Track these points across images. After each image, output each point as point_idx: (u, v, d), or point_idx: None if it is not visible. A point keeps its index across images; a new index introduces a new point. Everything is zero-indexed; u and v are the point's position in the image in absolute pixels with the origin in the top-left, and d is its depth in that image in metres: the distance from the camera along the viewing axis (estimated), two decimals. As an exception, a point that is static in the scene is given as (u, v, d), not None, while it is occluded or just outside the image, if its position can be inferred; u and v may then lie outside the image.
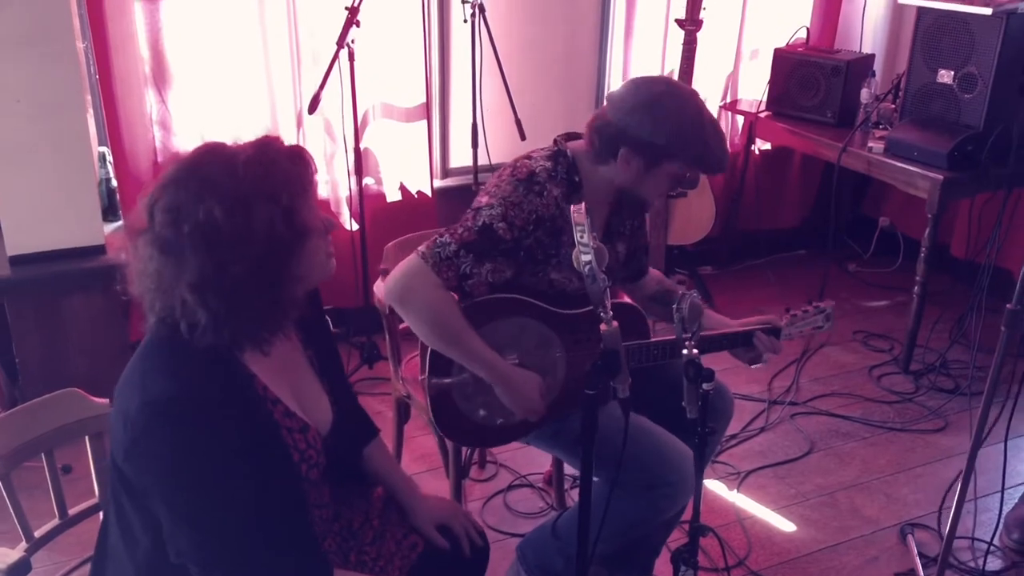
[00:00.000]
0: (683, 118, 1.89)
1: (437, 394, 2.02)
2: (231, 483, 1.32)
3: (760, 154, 4.28)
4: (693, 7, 3.51)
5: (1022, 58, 3.22)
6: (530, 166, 1.96)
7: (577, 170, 1.98)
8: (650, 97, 1.90)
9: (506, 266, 1.93)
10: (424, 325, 1.92)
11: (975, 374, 3.34)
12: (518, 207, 1.90)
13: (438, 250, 1.89)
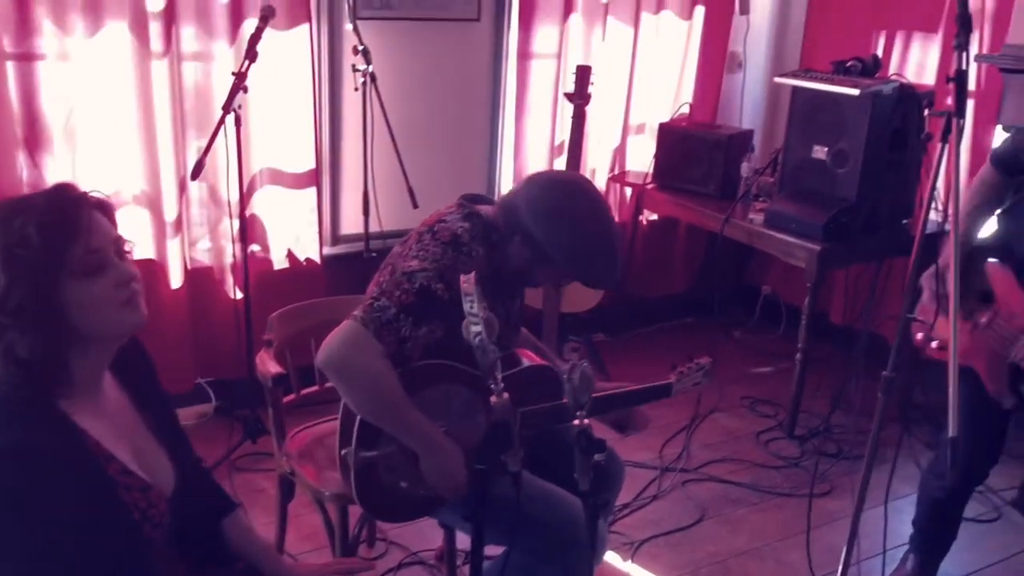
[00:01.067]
0: (577, 235, 1.90)
1: (362, 468, 1.94)
2: (60, 540, 1.24)
3: (648, 224, 4.39)
4: (582, 82, 3.61)
5: (888, 135, 3.41)
6: (450, 228, 1.93)
7: (493, 231, 1.98)
8: (556, 203, 1.92)
9: (439, 328, 1.89)
10: (364, 396, 1.86)
11: (856, 438, 3.44)
12: (453, 269, 1.86)
13: (377, 315, 1.83)
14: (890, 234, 3.46)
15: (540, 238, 1.90)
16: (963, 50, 1.82)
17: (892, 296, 3.80)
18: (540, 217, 1.90)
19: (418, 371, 1.91)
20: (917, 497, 2.63)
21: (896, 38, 3.93)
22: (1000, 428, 2.36)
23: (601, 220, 1.96)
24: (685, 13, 4.15)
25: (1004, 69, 3.35)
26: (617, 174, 4.26)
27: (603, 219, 1.97)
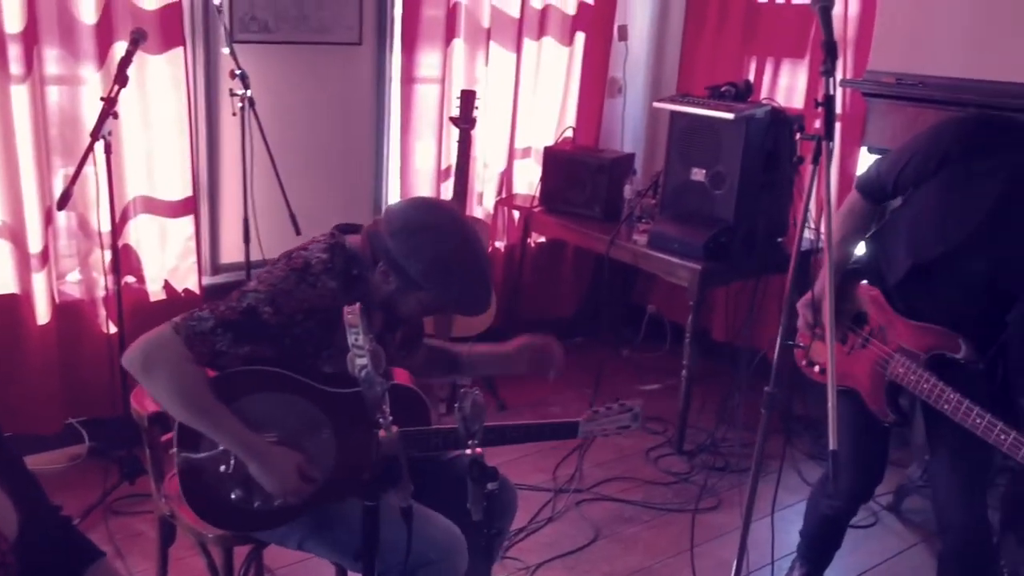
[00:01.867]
0: (440, 257, 1.86)
1: (187, 470, 1.88)
2: None
3: (536, 246, 4.42)
4: (466, 106, 3.61)
5: (762, 158, 3.54)
6: (306, 256, 1.89)
7: (357, 264, 1.93)
8: (417, 225, 1.88)
9: (268, 350, 1.84)
10: (167, 395, 1.81)
11: (742, 451, 3.53)
12: (288, 295, 1.82)
13: (193, 324, 1.80)
14: (766, 252, 3.58)
15: (402, 260, 1.86)
16: (830, 76, 1.90)
17: (770, 312, 3.93)
18: (402, 236, 1.86)
19: (238, 376, 1.86)
20: (805, 511, 2.71)
21: (766, 63, 4.10)
22: (883, 446, 2.45)
23: (465, 240, 1.91)
24: (566, 39, 4.22)
25: (867, 93, 3.54)
26: (504, 197, 4.28)
27: (467, 239, 1.92)
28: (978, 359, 2.05)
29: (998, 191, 1.99)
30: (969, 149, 2.03)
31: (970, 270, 2.07)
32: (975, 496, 2.27)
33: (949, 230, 2.07)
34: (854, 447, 2.39)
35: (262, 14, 3.39)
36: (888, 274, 2.23)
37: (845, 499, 2.49)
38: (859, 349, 2.26)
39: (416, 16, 3.73)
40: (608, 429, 2.15)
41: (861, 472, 2.43)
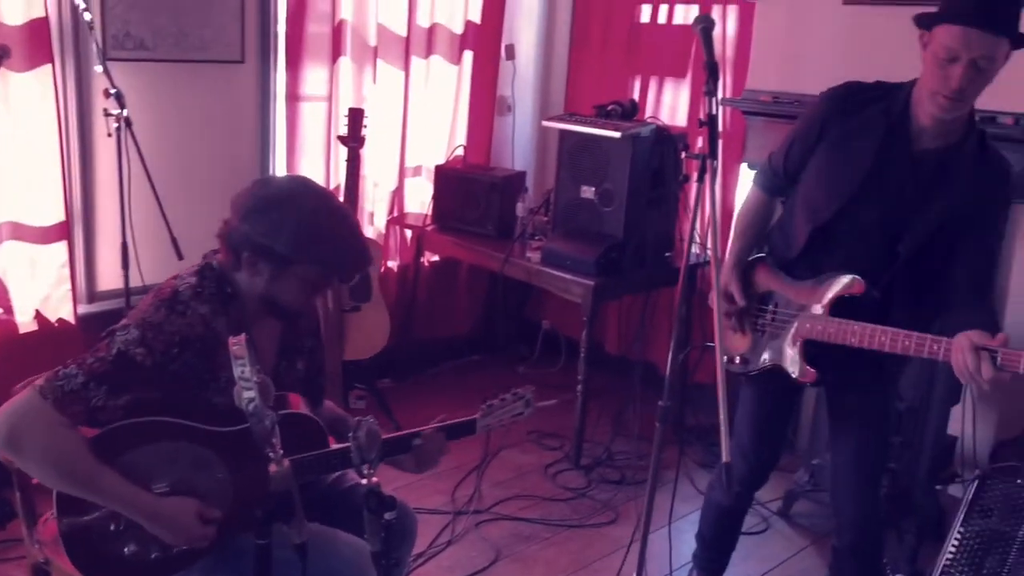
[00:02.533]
0: (303, 222, 1.77)
1: (72, 533, 1.75)
2: None
3: (430, 265, 4.39)
4: (355, 125, 3.57)
5: (649, 175, 3.61)
6: (174, 285, 1.82)
7: (229, 282, 1.85)
8: (267, 201, 1.79)
9: (151, 392, 1.74)
10: (41, 470, 1.69)
11: (638, 463, 3.58)
12: (157, 329, 1.73)
13: (60, 383, 1.67)
14: (655, 267, 3.65)
15: (263, 239, 1.76)
16: (712, 96, 1.95)
17: (660, 324, 4.02)
18: (256, 214, 1.77)
19: (119, 432, 1.75)
20: (703, 507, 2.76)
21: (650, 82, 4.19)
22: (784, 430, 2.56)
23: (320, 199, 1.83)
24: (454, 58, 4.22)
25: (746, 112, 3.66)
26: (396, 216, 4.24)
27: (322, 197, 1.84)
28: (872, 290, 2.17)
29: (876, 142, 2.13)
30: (841, 111, 2.20)
31: (864, 220, 2.19)
32: (872, 493, 2.40)
33: (840, 188, 2.19)
34: (755, 435, 2.48)
35: (138, 31, 3.26)
36: (790, 249, 2.33)
37: (742, 484, 2.55)
38: (771, 326, 2.34)
39: (300, 33, 3.66)
40: (504, 419, 2.16)
41: (759, 459, 2.52)
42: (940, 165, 2.10)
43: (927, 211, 2.12)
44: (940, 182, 2.11)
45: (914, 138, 2.11)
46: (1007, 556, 2.76)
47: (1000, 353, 1.90)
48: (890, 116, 2.13)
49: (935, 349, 2.00)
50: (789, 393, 2.48)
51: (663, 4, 4.07)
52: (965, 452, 3.23)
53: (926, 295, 2.22)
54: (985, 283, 2.19)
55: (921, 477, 3.07)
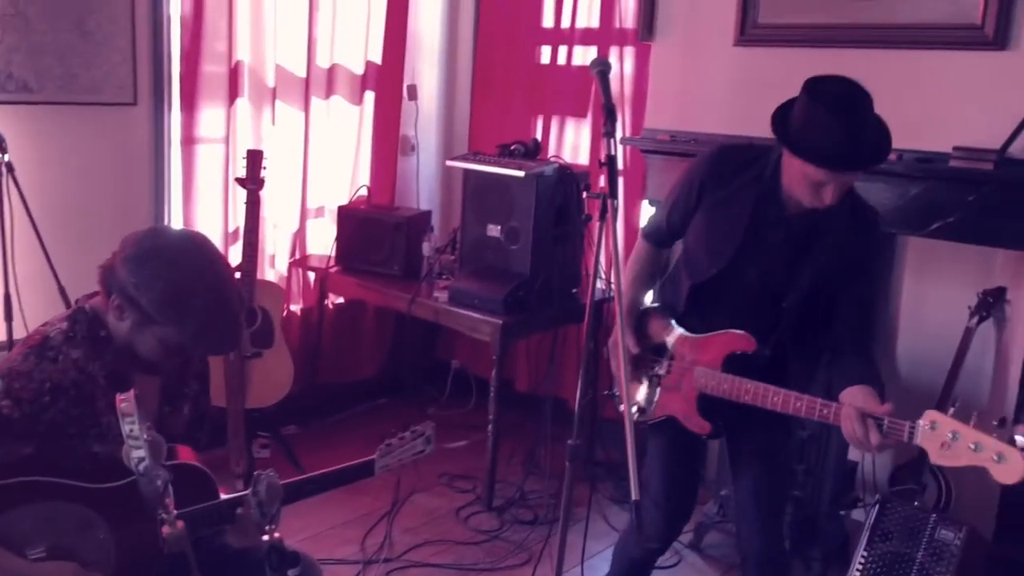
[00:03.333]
0: (174, 287, 1.69)
1: None
2: None
3: (335, 308, 4.31)
4: (253, 166, 3.50)
5: (553, 213, 3.64)
6: (44, 331, 1.74)
7: (102, 324, 1.77)
8: (149, 252, 1.72)
9: (24, 447, 1.65)
10: None
11: (550, 502, 3.56)
12: (26, 377, 1.65)
13: None
14: (562, 304, 3.66)
15: (132, 290, 1.69)
16: (611, 137, 1.98)
17: (570, 361, 4.03)
18: (132, 263, 1.70)
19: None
20: (613, 556, 2.75)
21: (552, 122, 4.24)
22: (694, 480, 2.57)
23: (204, 268, 1.75)
24: (355, 98, 4.20)
25: (645, 150, 3.74)
26: (299, 259, 4.16)
27: (206, 267, 1.76)
28: (763, 347, 2.22)
29: (750, 207, 2.21)
30: (717, 176, 2.27)
31: (746, 279, 2.25)
32: (774, 525, 2.43)
33: (718, 250, 2.27)
34: (667, 483, 2.48)
35: (21, 72, 3.13)
36: (679, 303, 2.39)
37: (658, 539, 2.55)
38: (666, 377, 2.37)
39: (195, 74, 3.58)
40: (404, 458, 2.12)
41: (673, 507, 2.51)
42: (812, 225, 2.18)
43: (804, 270, 2.20)
44: (813, 241, 2.19)
45: (785, 202, 2.18)
46: (908, 577, 2.84)
47: (886, 421, 1.97)
48: (761, 183, 2.21)
49: (825, 413, 2.07)
50: (695, 439, 2.47)
51: (562, 46, 4.14)
52: (865, 477, 3.33)
53: (815, 348, 2.29)
54: (864, 333, 2.26)
55: (824, 503, 3.14)
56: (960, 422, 1.90)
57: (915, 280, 3.32)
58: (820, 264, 2.19)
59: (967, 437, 1.88)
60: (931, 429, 1.92)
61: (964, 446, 1.88)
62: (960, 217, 2.91)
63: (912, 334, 3.32)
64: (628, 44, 3.88)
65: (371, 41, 4.19)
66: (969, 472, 3.19)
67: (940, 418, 1.92)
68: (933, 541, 2.83)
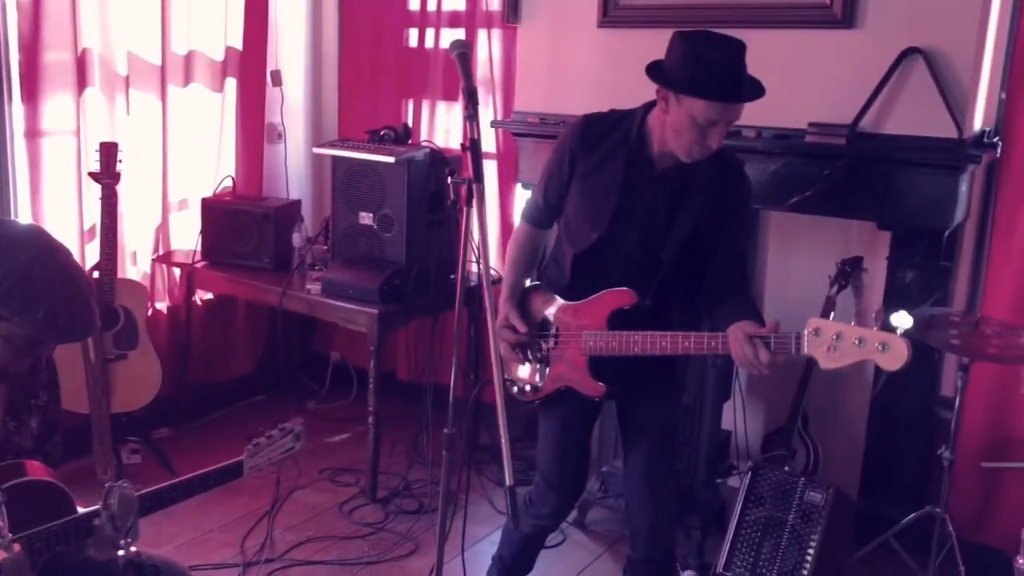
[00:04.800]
0: (16, 270, 1.63)
1: None
2: None
3: (203, 304, 4.15)
4: (108, 160, 3.32)
5: (427, 199, 3.60)
6: None
7: None
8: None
9: None
10: None
11: (435, 490, 3.53)
12: None
13: None
14: (440, 290, 3.63)
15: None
16: (473, 121, 1.95)
17: (450, 348, 3.99)
18: None
19: None
20: (502, 535, 2.75)
21: (423, 106, 4.18)
22: (586, 454, 2.58)
23: (43, 252, 1.68)
24: (216, 85, 4.04)
25: (515, 133, 3.73)
26: (162, 255, 3.98)
27: (45, 251, 1.69)
28: (644, 298, 2.26)
29: (621, 170, 2.25)
30: (586, 144, 2.31)
31: (625, 242, 2.29)
32: (664, 500, 2.46)
33: (595, 217, 2.30)
34: (559, 461, 2.50)
35: None
36: (563, 276, 2.40)
37: (551, 516, 2.57)
38: (555, 349, 2.37)
39: (36, 63, 3.36)
40: (274, 457, 2.07)
41: (565, 485, 2.53)
42: (682, 181, 2.24)
43: (679, 223, 2.25)
44: (686, 195, 2.25)
45: (655, 161, 2.24)
46: (780, 539, 2.96)
47: (772, 339, 2.02)
48: (629, 145, 2.25)
49: (713, 345, 2.11)
50: (586, 412, 2.51)
51: (429, 28, 4.08)
52: (739, 444, 3.44)
53: (694, 296, 2.35)
54: (742, 281, 2.37)
55: (701, 472, 3.23)
56: (841, 323, 1.96)
57: (778, 253, 3.44)
58: (696, 215, 2.24)
59: (850, 334, 1.92)
60: (816, 335, 1.96)
61: (849, 344, 1.92)
62: (817, 191, 3.02)
63: (776, 304, 3.44)
64: (495, 26, 3.86)
65: (230, 26, 4.03)
66: (835, 433, 3.36)
67: (822, 323, 1.96)
68: (803, 503, 2.95)
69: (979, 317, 2.80)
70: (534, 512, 2.56)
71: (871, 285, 3.28)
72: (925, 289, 3.09)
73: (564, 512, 2.62)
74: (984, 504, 3.14)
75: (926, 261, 3.09)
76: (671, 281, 2.30)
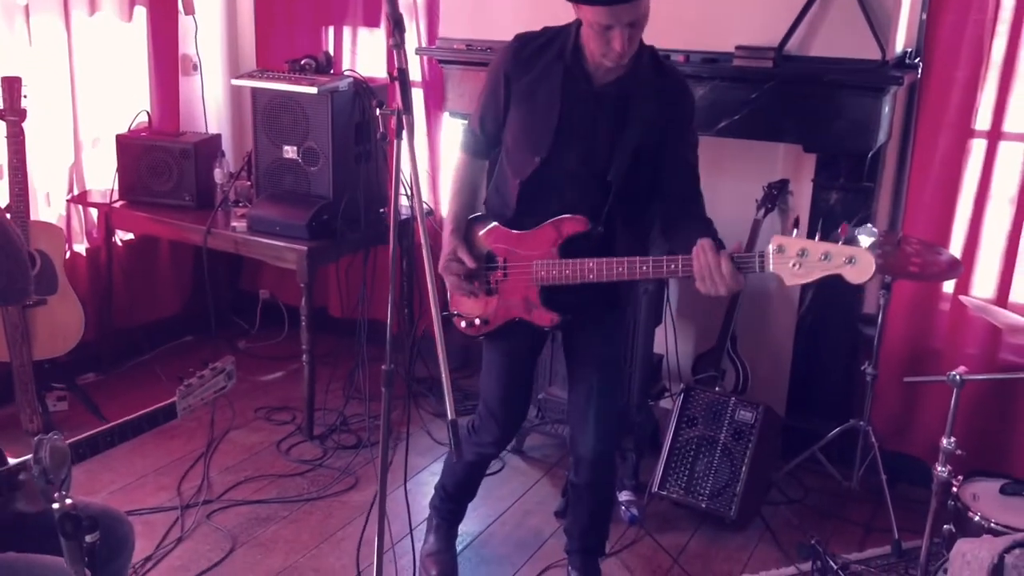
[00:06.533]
0: None
1: None
2: None
3: (124, 245, 4.01)
4: (11, 95, 3.17)
5: (352, 130, 3.51)
6: None
7: None
8: None
9: None
10: None
11: (373, 424, 3.53)
12: None
13: None
14: (370, 224, 3.57)
15: None
16: (400, 49, 1.89)
17: (384, 282, 3.96)
18: None
19: None
20: (445, 464, 2.77)
21: (344, 33, 4.05)
22: (529, 382, 2.62)
23: None
24: (124, 14, 3.84)
25: (441, 60, 3.64)
26: (78, 195, 3.82)
27: None
28: (596, 224, 2.23)
29: (558, 88, 2.20)
30: (519, 66, 2.25)
31: (569, 163, 2.24)
32: (607, 429, 2.48)
33: (536, 139, 2.24)
34: (503, 392, 2.51)
35: None
36: (508, 207, 2.35)
37: (494, 444, 2.60)
38: (504, 281, 2.34)
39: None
40: (207, 396, 2.03)
41: (509, 414, 2.55)
42: (622, 94, 2.19)
43: (624, 140, 2.20)
44: (628, 110, 2.20)
45: (592, 76, 2.18)
46: (713, 458, 3.05)
47: (735, 256, 1.99)
48: (564, 60, 2.19)
49: (672, 268, 2.09)
50: (533, 343, 2.51)
51: (348, -50, 3.93)
52: (670, 367, 3.51)
53: (643, 220, 2.33)
54: (693, 195, 2.30)
55: (635, 396, 3.29)
56: (806, 239, 1.93)
57: (706, 177, 3.39)
58: (639, 132, 2.19)
59: (816, 250, 1.90)
60: (779, 252, 1.93)
61: (815, 259, 1.90)
62: (744, 115, 3.04)
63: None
64: (418, -53, 3.73)
65: (136, -50, 3.82)
66: (763, 353, 3.45)
67: (786, 240, 1.93)
68: (734, 422, 3.05)
69: (901, 236, 2.88)
70: (476, 440, 2.58)
71: (797, 207, 3.35)
72: (849, 210, 3.16)
73: (506, 440, 2.65)
74: (904, 416, 3.28)
75: (850, 182, 3.15)
76: (620, 204, 2.25)
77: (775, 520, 3.07)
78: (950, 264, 2.81)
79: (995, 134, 2.99)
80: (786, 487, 3.24)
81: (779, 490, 3.22)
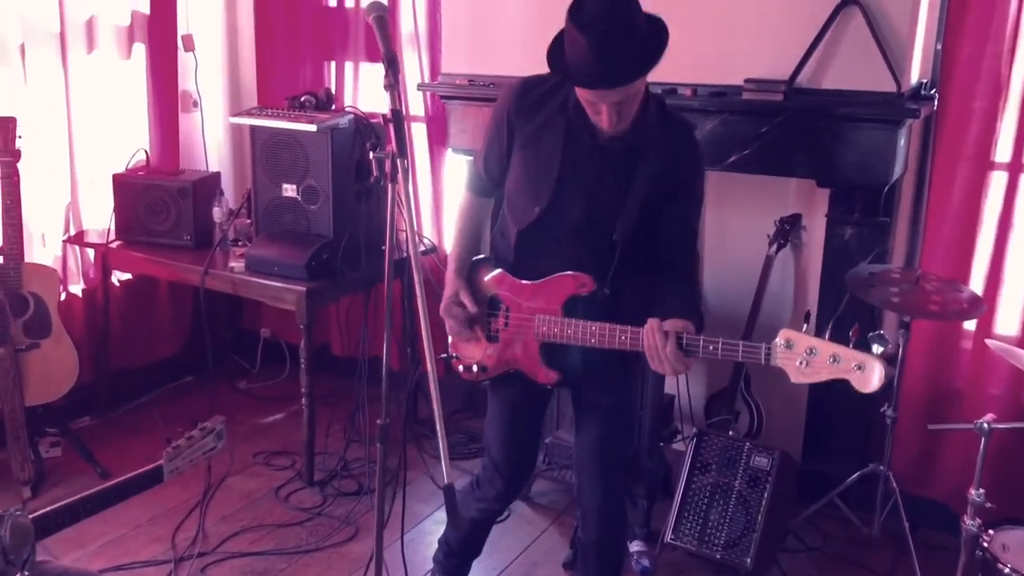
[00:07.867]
0: None
1: None
2: None
3: (121, 285, 3.94)
4: (5, 137, 3.14)
5: (353, 168, 3.43)
6: None
7: None
8: None
9: None
10: None
11: (372, 469, 3.41)
12: None
13: None
14: (370, 264, 3.48)
15: None
16: (394, 91, 1.82)
17: (384, 321, 3.86)
18: None
19: None
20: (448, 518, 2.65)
21: (346, 69, 3.99)
22: (536, 435, 2.48)
23: None
24: (123, 52, 3.79)
25: (444, 96, 3.57)
26: (74, 235, 3.75)
27: None
28: (602, 285, 2.12)
29: (562, 138, 2.10)
30: (523, 110, 2.15)
31: (572, 216, 2.13)
32: (614, 481, 2.35)
33: (537, 188, 2.13)
34: (508, 444, 2.38)
35: None
36: (507, 251, 2.25)
37: (498, 500, 2.47)
38: (504, 330, 2.24)
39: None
40: (196, 458, 1.98)
41: (514, 469, 2.42)
42: (629, 147, 2.07)
43: (630, 195, 2.08)
44: (635, 163, 2.08)
45: (596, 127, 2.05)
46: (727, 506, 2.93)
47: (685, 337, 1.91)
48: (567, 111, 2.09)
49: (623, 339, 2.00)
50: (537, 397, 2.38)
51: (348, -14, 3.88)
52: (682, 408, 3.39)
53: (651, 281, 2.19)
54: (685, 255, 2.18)
55: (645, 439, 3.17)
56: (815, 337, 1.85)
57: (716, 212, 3.36)
58: (646, 188, 2.07)
59: (825, 351, 1.82)
60: (787, 347, 1.85)
61: (823, 360, 1.82)
62: (755, 149, 2.95)
63: (716, 264, 3.38)
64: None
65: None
66: (778, 394, 3.33)
67: (795, 336, 1.85)
68: (749, 468, 2.92)
69: (919, 273, 2.77)
70: (480, 495, 2.46)
71: (810, 243, 3.25)
72: (864, 246, 3.06)
73: (511, 496, 2.52)
74: (925, 459, 3.15)
75: (865, 217, 3.05)
76: (627, 265, 2.13)
77: (793, 568, 2.94)
78: (971, 302, 2.71)
79: (1016, 166, 2.89)
80: (804, 534, 3.11)
81: (796, 537, 3.09)
